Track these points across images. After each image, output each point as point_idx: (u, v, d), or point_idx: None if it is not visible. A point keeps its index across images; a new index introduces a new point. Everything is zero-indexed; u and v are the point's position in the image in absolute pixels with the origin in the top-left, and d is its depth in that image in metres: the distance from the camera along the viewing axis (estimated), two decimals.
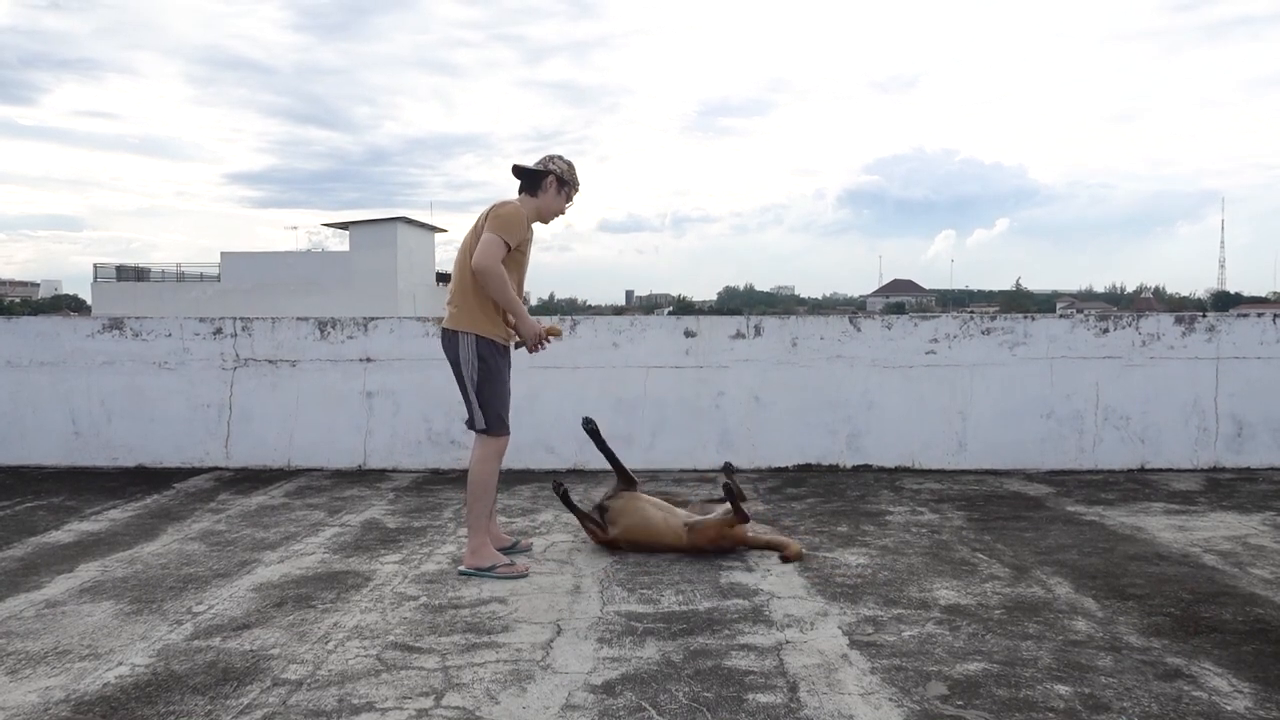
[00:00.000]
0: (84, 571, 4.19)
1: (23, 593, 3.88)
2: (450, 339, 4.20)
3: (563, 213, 4.35)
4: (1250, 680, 2.92)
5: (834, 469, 6.73)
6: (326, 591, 3.88)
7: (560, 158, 4.31)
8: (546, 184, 4.26)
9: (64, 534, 4.89)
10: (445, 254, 49.36)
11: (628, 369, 6.88)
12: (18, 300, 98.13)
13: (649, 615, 3.56)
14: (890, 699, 2.79)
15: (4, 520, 5.21)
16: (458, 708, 2.75)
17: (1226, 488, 6.03)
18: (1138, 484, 6.20)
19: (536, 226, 4.35)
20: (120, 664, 3.10)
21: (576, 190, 4.38)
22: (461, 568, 4.14)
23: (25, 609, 3.67)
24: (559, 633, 3.38)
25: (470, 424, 4.23)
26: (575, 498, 5.84)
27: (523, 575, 4.10)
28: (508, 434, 4.23)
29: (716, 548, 4.35)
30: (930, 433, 6.78)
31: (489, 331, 4.15)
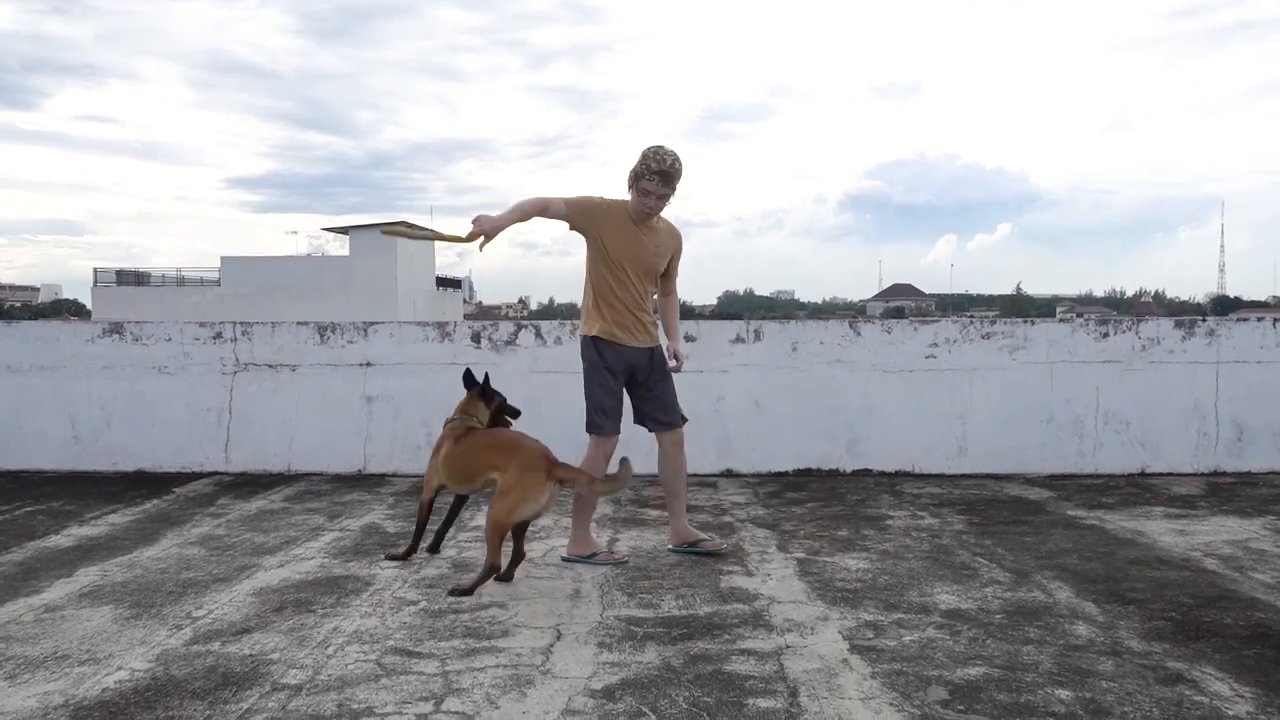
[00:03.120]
0: (83, 576, 4.18)
1: (22, 597, 3.88)
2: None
3: (646, 207, 4.17)
4: (1252, 685, 2.92)
5: (834, 473, 6.73)
6: (326, 596, 3.88)
7: (648, 149, 4.15)
8: (628, 181, 4.23)
9: (63, 538, 4.88)
10: (445, 259, 49.46)
11: None
12: (18, 305, 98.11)
13: (649, 620, 3.56)
14: (891, 704, 2.79)
15: (3, 525, 5.20)
16: (457, 713, 2.75)
17: (1227, 492, 6.03)
18: (1138, 488, 6.19)
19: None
20: (119, 669, 3.10)
21: (646, 179, 4.10)
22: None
23: (24, 613, 3.67)
24: (559, 637, 3.38)
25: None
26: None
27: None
28: (606, 436, 4.32)
29: None
30: (930, 437, 6.77)
31: (588, 329, 4.31)
